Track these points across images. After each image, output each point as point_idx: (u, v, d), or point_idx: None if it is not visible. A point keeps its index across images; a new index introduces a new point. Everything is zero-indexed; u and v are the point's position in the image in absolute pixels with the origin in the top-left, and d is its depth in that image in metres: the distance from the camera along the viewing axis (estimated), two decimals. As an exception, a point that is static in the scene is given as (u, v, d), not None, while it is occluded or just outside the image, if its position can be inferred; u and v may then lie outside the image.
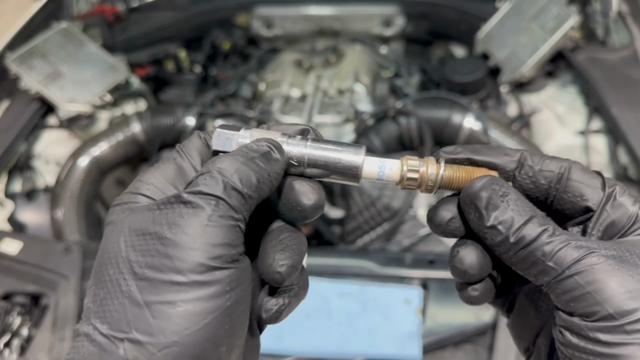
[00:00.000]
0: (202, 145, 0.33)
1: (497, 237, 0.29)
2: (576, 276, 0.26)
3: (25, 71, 1.52)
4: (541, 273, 0.27)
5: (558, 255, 0.27)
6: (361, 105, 1.53)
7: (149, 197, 0.31)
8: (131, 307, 0.26)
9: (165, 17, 1.95)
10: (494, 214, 0.29)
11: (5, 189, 1.44)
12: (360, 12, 1.93)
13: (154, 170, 0.32)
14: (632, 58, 1.46)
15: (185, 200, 0.27)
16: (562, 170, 0.31)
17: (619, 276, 0.25)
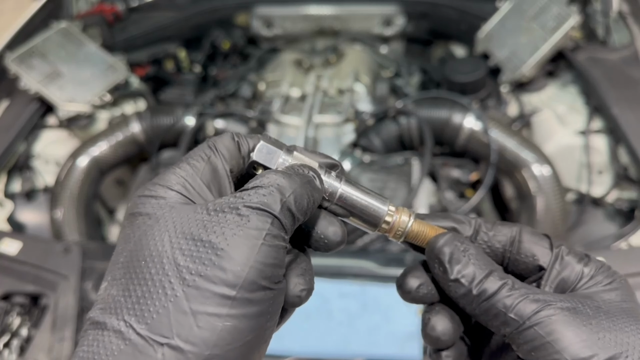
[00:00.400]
0: (234, 149, 0.33)
1: (460, 290, 0.31)
2: (536, 327, 0.28)
3: (25, 71, 1.51)
4: (503, 324, 0.30)
5: (518, 308, 0.29)
6: (361, 105, 1.53)
7: (183, 195, 0.30)
8: (175, 313, 0.25)
9: (165, 16, 1.95)
10: (456, 268, 0.31)
11: (5, 189, 1.44)
12: (360, 12, 1.93)
13: (187, 166, 0.31)
14: (633, 58, 1.46)
15: (242, 213, 0.27)
16: (514, 234, 0.34)
17: (574, 326, 0.28)
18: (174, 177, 0.30)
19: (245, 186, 0.30)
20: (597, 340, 0.28)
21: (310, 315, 1.03)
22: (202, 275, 0.26)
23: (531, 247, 0.33)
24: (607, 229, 1.33)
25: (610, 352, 0.27)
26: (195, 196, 0.30)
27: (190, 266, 0.26)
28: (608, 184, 1.37)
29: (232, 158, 0.33)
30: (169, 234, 0.27)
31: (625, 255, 1.05)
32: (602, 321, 0.28)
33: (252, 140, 0.34)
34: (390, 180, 1.33)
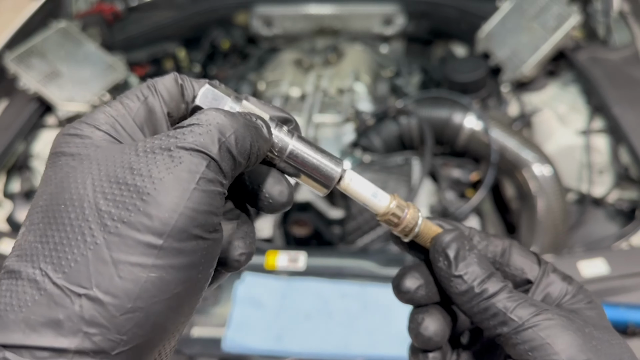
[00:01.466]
0: (176, 92, 0.30)
1: (461, 287, 0.32)
2: (534, 328, 0.30)
3: (24, 70, 1.51)
4: (501, 324, 0.31)
5: (517, 309, 0.30)
6: (361, 104, 1.53)
7: (112, 136, 0.27)
8: (95, 262, 0.23)
9: (164, 16, 1.95)
10: (461, 264, 0.32)
11: (4, 189, 1.44)
12: (361, 11, 1.93)
13: (119, 105, 0.28)
14: (634, 57, 1.45)
15: (174, 154, 0.25)
16: (505, 246, 0.35)
17: (571, 331, 0.29)
18: (103, 115, 0.28)
19: (180, 124, 0.27)
20: (592, 346, 0.29)
21: (311, 315, 1.03)
22: (125, 221, 0.24)
23: (520, 261, 0.34)
24: (607, 229, 1.32)
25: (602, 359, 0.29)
26: (126, 137, 0.28)
27: (112, 211, 0.24)
28: (609, 184, 1.37)
29: (172, 100, 0.30)
30: (92, 176, 0.25)
31: (626, 256, 1.05)
32: (593, 331, 0.30)
33: (198, 84, 0.31)
34: (391, 180, 1.32)
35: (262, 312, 1.03)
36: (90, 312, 0.23)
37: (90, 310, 0.23)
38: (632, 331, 0.88)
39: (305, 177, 0.32)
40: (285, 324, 1.01)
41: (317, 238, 1.42)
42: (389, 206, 0.33)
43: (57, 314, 0.23)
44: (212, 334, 0.99)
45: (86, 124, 0.27)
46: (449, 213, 1.29)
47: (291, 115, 0.33)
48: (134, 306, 0.23)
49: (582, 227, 1.34)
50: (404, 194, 1.30)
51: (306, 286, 1.06)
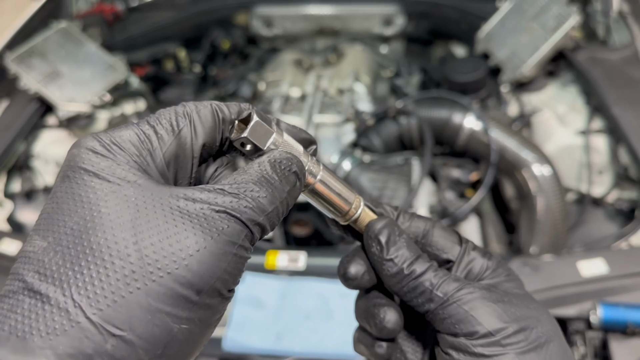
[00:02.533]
0: (212, 124, 0.30)
1: (392, 269, 0.34)
2: (458, 302, 0.32)
3: (25, 71, 1.51)
4: (428, 301, 0.33)
5: (442, 286, 0.33)
6: (361, 104, 1.53)
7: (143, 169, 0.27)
8: (134, 306, 0.24)
9: (165, 16, 1.95)
10: (392, 248, 0.34)
11: (5, 189, 1.44)
12: (361, 12, 1.93)
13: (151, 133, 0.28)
14: (633, 58, 1.45)
15: (222, 218, 0.26)
16: (427, 227, 0.37)
17: (491, 302, 0.32)
18: (136, 139, 0.27)
19: (223, 184, 0.27)
20: (510, 313, 0.32)
21: (311, 315, 1.03)
22: (169, 273, 0.24)
23: (441, 241, 0.37)
24: (607, 228, 1.32)
25: (521, 324, 0.32)
26: (154, 173, 0.27)
27: (158, 260, 0.24)
28: (608, 184, 1.37)
29: (207, 136, 0.30)
30: (133, 216, 0.25)
31: (625, 255, 1.05)
32: (511, 299, 0.33)
33: (233, 109, 0.31)
34: (391, 180, 1.33)
35: (262, 312, 1.03)
36: (121, 353, 0.24)
37: (122, 351, 0.24)
38: (631, 331, 0.89)
39: (324, 204, 0.34)
40: (285, 324, 1.02)
41: (317, 238, 1.42)
42: None
43: (87, 349, 0.23)
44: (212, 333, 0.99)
45: (115, 145, 0.27)
46: (449, 213, 1.29)
47: (313, 137, 0.35)
48: (162, 352, 0.25)
49: (581, 227, 1.34)
50: (403, 194, 1.30)
51: (306, 286, 1.06)
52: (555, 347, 0.32)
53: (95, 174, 0.26)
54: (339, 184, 0.34)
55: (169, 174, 0.28)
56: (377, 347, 0.37)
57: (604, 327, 0.89)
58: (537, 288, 0.96)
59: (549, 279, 0.97)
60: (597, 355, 0.90)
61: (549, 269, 0.99)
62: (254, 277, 1.07)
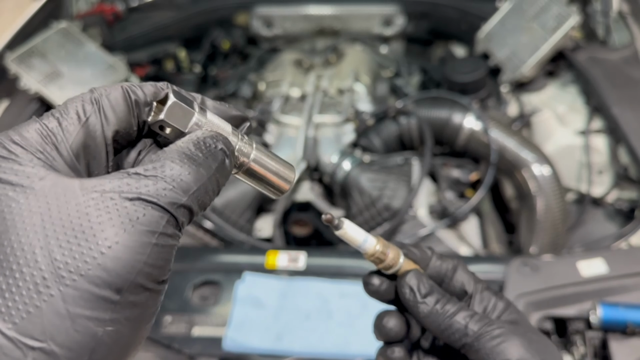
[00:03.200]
0: (125, 110, 0.28)
1: (427, 309, 0.39)
2: (490, 335, 0.38)
3: (25, 71, 1.51)
4: (464, 335, 0.38)
5: (475, 322, 0.38)
6: (361, 105, 1.53)
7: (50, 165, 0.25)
8: (50, 315, 0.22)
9: (165, 16, 1.95)
10: (424, 292, 0.40)
11: (5, 189, 1.44)
12: (361, 12, 1.93)
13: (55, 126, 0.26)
14: (633, 58, 1.46)
15: (135, 206, 0.24)
16: (455, 265, 0.43)
17: (518, 336, 0.38)
18: (38, 138, 0.25)
19: (139, 167, 0.25)
20: (534, 347, 0.37)
21: (311, 315, 1.03)
22: (82, 275, 0.23)
23: (462, 277, 0.43)
24: (607, 228, 1.33)
25: (542, 357, 0.37)
26: (63, 168, 0.25)
27: (69, 262, 0.23)
28: (608, 183, 1.37)
29: (120, 121, 0.27)
30: (42, 218, 0.23)
31: (625, 255, 1.05)
32: (531, 335, 0.38)
33: (148, 90, 0.29)
34: (390, 180, 1.33)
35: (263, 312, 1.03)
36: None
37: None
38: (631, 331, 0.89)
39: (261, 184, 0.34)
40: (286, 324, 1.02)
41: (317, 238, 1.42)
42: (375, 248, 0.39)
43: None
44: (213, 333, 0.99)
45: (21, 147, 0.25)
46: (449, 213, 1.30)
47: (245, 114, 0.33)
48: (90, 359, 0.23)
49: (581, 227, 1.34)
50: (403, 194, 1.30)
51: (306, 286, 1.06)
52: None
53: (6, 181, 0.24)
54: (276, 163, 0.33)
55: (80, 167, 0.26)
56: (389, 352, 0.41)
57: (604, 327, 0.89)
58: (537, 288, 0.96)
59: (548, 278, 0.98)
60: (597, 355, 0.91)
61: (549, 269, 0.99)
62: (254, 277, 1.07)
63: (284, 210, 1.38)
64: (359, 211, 1.33)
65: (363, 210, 1.32)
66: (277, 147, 1.44)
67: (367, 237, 0.39)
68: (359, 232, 0.39)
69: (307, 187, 1.43)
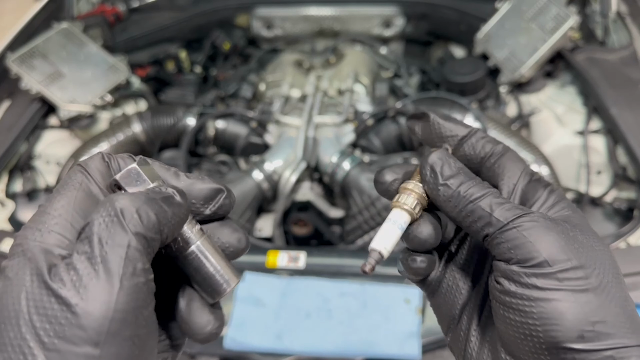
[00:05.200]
0: (106, 171, 0.30)
1: (448, 192, 0.33)
2: (518, 228, 0.30)
3: (26, 71, 1.52)
4: (487, 225, 0.31)
5: (502, 211, 0.31)
6: (361, 105, 1.54)
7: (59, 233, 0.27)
8: None
9: (166, 17, 1.96)
10: (447, 174, 0.33)
11: (6, 189, 1.45)
12: (360, 13, 1.94)
13: (60, 199, 0.28)
14: (631, 58, 1.46)
15: (93, 256, 0.25)
16: (501, 151, 0.35)
17: (554, 232, 0.30)
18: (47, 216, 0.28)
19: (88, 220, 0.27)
20: (573, 249, 0.29)
21: (311, 314, 1.04)
22: (61, 337, 0.24)
23: (506, 165, 0.35)
24: (605, 228, 1.33)
25: (582, 261, 0.29)
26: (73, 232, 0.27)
27: (47, 327, 0.24)
28: (607, 183, 1.38)
29: (104, 180, 0.30)
30: (25, 290, 0.25)
31: (624, 255, 1.06)
32: (577, 235, 0.30)
33: (123, 161, 0.31)
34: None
35: (263, 311, 1.03)
36: None
37: None
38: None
39: (195, 280, 0.31)
40: (286, 323, 1.02)
41: (317, 237, 1.43)
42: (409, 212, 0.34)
43: None
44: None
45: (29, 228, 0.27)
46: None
47: (220, 186, 0.32)
48: None
49: (580, 227, 1.35)
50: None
51: (306, 285, 1.07)
52: (616, 292, 0.29)
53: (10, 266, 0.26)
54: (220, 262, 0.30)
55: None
56: (411, 261, 0.36)
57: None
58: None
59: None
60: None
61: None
62: (255, 276, 1.08)
63: (284, 210, 1.38)
64: (359, 211, 1.33)
65: (363, 210, 1.33)
66: (277, 148, 1.45)
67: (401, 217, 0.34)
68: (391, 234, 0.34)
69: (307, 187, 1.43)
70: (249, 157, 1.53)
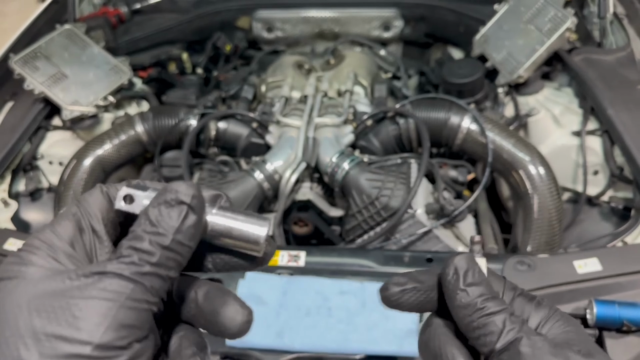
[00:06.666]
0: (105, 203, 0.32)
1: (466, 299, 0.33)
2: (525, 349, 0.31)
3: (29, 72, 1.53)
4: (494, 342, 0.32)
5: (514, 331, 0.32)
6: (360, 106, 1.55)
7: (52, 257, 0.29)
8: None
9: (168, 19, 1.97)
10: (470, 280, 0.34)
11: (9, 189, 1.46)
12: (360, 15, 1.95)
13: (50, 232, 0.30)
14: (629, 59, 1.47)
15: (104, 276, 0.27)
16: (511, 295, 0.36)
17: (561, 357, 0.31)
18: (38, 242, 0.30)
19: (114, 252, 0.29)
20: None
21: (310, 312, 1.05)
22: (56, 335, 0.26)
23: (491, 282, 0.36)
24: (603, 228, 1.34)
25: None
26: (64, 260, 0.30)
27: (46, 327, 0.26)
28: (604, 183, 1.39)
29: (103, 212, 0.32)
30: (27, 296, 0.27)
31: (620, 254, 1.06)
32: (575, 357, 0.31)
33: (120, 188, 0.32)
34: (389, 180, 1.35)
35: (264, 309, 1.05)
36: None
37: None
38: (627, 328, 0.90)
39: (234, 242, 0.32)
40: (286, 321, 1.03)
41: (317, 236, 1.44)
42: None
43: None
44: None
45: (25, 251, 0.30)
46: (446, 212, 1.31)
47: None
48: None
49: (577, 227, 1.36)
50: (402, 194, 1.32)
51: (306, 283, 1.08)
52: None
53: (7, 278, 0.29)
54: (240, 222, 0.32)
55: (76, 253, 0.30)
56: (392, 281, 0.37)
57: (600, 324, 0.90)
58: (533, 286, 0.97)
59: (544, 277, 0.99)
60: (592, 352, 0.92)
61: (545, 268, 1.00)
62: (255, 274, 1.09)
63: (285, 210, 1.39)
64: (358, 210, 1.35)
65: (362, 209, 1.34)
66: (277, 148, 1.46)
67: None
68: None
69: (307, 187, 1.45)
70: (249, 157, 1.55)
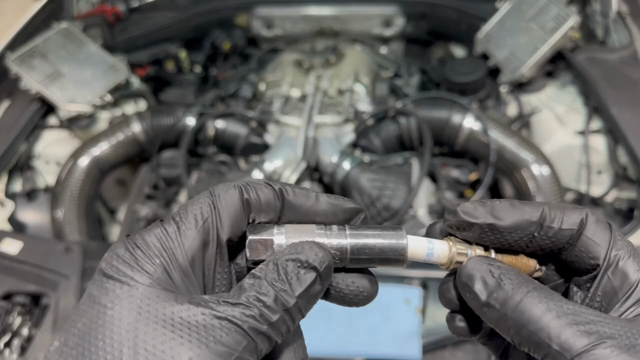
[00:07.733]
0: (239, 211, 0.29)
1: (495, 314, 0.27)
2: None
3: (26, 71, 1.52)
4: (547, 356, 0.25)
5: (566, 339, 0.25)
6: (361, 105, 1.54)
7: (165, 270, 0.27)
8: None
9: (166, 17, 1.95)
10: (488, 291, 0.28)
11: (6, 189, 1.45)
12: (360, 13, 1.93)
13: (176, 238, 0.28)
14: (632, 58, 1.46)
15: (221, 324, 0.26)
16: (581, 223, 0.29)
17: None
18: (157, 243, 0.27)
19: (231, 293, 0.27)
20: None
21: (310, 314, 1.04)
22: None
23: (590, 244, 0.29)
24: (606, 228, 1.33)
25: None
26: (177, 278, 0.28)
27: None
28: (607, 183, 1.38)
29: (233, 225, 0.29)
30: (135, 321, 0.25)
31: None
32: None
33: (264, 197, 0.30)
34: (390, 180, 1.33)
35: (263, 311, 1.03)
36: None
37: None
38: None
39: (378, 264, 0.31)
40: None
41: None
42: (449, 257, 0.31)
43: None
44: None
45: (140, 249, 0.27)
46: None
47: (360, 206, 0.32)
48: None
49: (580, 227, 1.34)
50: (403, 194, 1.31)
51: (306, 285, 1.06)
52: None
53: (111, 277, 0.27)
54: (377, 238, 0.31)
55: (192, 272, 0.28)
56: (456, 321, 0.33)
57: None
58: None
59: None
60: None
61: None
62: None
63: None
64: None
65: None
66: (277, 147, 1.44)
67: (433, 245, 0.31)
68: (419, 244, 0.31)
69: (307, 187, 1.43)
70: (248, 157, 1.53)
